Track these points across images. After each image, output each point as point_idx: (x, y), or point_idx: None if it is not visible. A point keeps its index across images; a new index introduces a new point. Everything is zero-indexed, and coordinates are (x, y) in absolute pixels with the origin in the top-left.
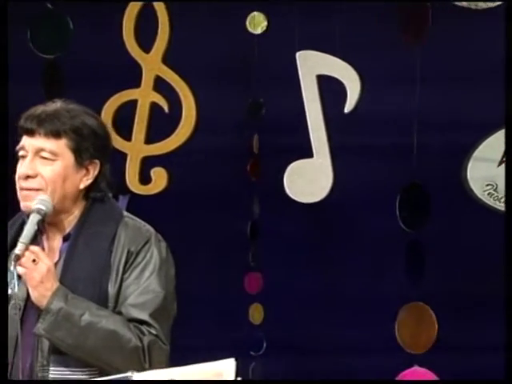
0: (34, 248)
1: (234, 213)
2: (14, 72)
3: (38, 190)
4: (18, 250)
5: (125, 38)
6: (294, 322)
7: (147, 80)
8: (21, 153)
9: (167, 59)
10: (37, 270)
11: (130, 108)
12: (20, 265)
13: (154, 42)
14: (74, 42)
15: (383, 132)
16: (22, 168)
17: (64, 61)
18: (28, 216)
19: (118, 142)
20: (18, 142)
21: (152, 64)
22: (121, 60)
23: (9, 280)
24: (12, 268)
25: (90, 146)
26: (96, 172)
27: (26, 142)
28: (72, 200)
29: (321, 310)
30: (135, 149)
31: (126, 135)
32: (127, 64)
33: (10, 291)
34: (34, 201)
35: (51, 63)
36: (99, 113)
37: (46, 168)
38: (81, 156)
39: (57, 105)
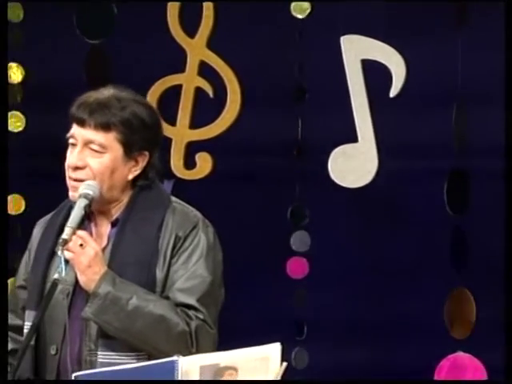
0: (81, 232)
1: (278, 197)
2: (59, 57)
3: (85, 181)
4: (65, 235)
5: (169, 23)
6: (337, 307)
7: (192, 65)
8: (71, 140)
9: (212, 44)
10: (84, 254)
11: (174, 93)
12: (67, 249)
13: (198, 26)
14: (118, 27)
15: (428, 116)
16: (71, 158)
17: (109, 46)
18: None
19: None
20: (69, 127)
21: (197, 49)
22: (165, 45)
23: (56, 265)
24: (59, 253)
25: (139, 138)
26: (145, 163)
27: (76, 131)
28: (120, 190)
29: (365, 295)
30: (180, 134)
31: (171, 120)
32: (172, 49)
33: (56, 276)
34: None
35: (96, 48)
36: (144, 98)
37: (94, 160)
38: (130, 148)
39: (109, 92)
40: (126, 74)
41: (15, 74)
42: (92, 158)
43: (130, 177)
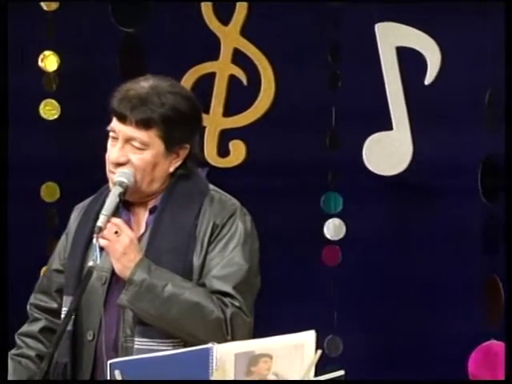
0: (115, 220)
1: (311, 185)
2: (93, 45)
3: None
4: (99, 223)
5: (203, 10)
6: (370, 294)
7: (226, 53)
8: (112, 134)
9: (246, 31)
10: (119, 241)
11: (208, 81)
12: (102, 237)
13: (232, 14)
14: (152, 15)
15: (463, 104)
16: (113, 154)
17: (143, 34)
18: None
19: None
20: (110, 118)
21: (230, 37)
22: (199, 33)
23: (92, 252)
24: (94, 241)
25: (180, 132)
26: (185, 154)
27: (117, 126)
28: (161, 183)
29: (398, 283)
30: (213, 121)
31: (205, 108)
32: (205, 37)
33: (92, 263)
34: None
35: (130, 36)
36: (183, 87)
37: (136, 156)
38: (171, 143)
39: (148, 83)
40: (159, 62)
41: (50, 62)
42: (133, 154)
43: (171, 169)
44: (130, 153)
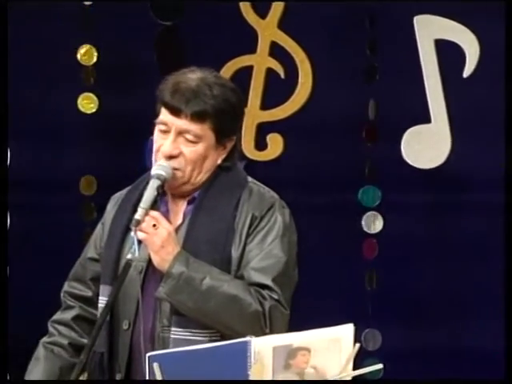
0: (153, 213)
1: (349, 178)
2: (131, 39)
3: (177, 169)
4: (138, 216)
5: (241, 4)
6: (408, 287)
7: (263, 46)
8: (161, 127)
9: (283, 25)
10: (157, 234)
11: (245, 74)
12: (140, 230)
13: (269, 7)
14: (190, 8)
15: (502, 96)
16: (165, 146)
17: (181, 27)
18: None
19: None
20: (157, 110)
21: (268, 30)
22: (237, 26)
23: (130, 244)
24: (132, 233)
25: (230, 125)
26: (231, 146)
27: (169, 119)
28: (208, 174)
29: (436, 276)
30: (251, 115)
31: None
32: (243, 30)
33: (130, 256)
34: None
35: (168, 29)
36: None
37: (188, 149)
38: (221, 136)
39: (197, 75)
40: (197, 55)
41: (89, 55)
42: (186, 147)
43: (219, 161)
44: (182, 145)
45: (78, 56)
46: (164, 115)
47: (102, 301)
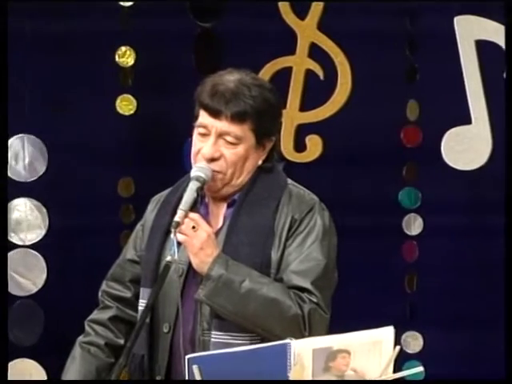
0: (193, 215)
1: (388, 180)
2: (170, 41)
3: (218, 172)
4: (177, 218)
5: (280, 5)
6: (449, 290)
7: (302, 47)
8: (201, 130)
9: (322, 26)
10: (197, 236)
11: (284, 75)
12: (180, 232)
13: (309, 9)
14: (229, 10)
15: None
16: (206, 149)
17: (219, 29)
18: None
19: None
20: (196, 113)
21: (307, 31)
22: (276, 27)
23: (170, 246)
24: (172, 235)
25: (269, 125)
26: (270, 147)
27: (208, 121)
28: (248, 176)
29: (477, 277)
30: (290, 116)
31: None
32: (282, 31)
33: (169, 258)
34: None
35: (207, 31)
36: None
37: (229, 151)
38: (261, 137)
39: (234, 76)
40: (236, 56)
41: (127, 57)
42: (227, 149)
43: (259, 162)
44: (223, 147)
45: (116, 57)
46: (203, 118)
47: (142, 303)
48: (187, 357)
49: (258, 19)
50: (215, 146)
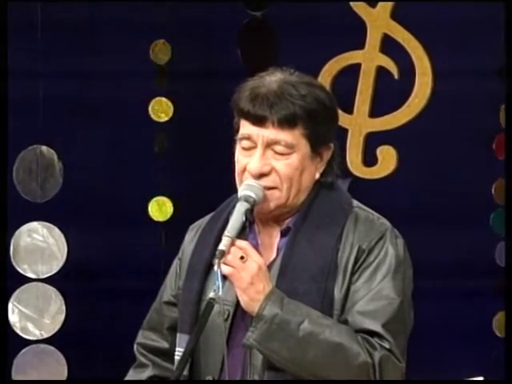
0: (241, 243)
1: (477, 200)
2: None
3: (272, 188)
4: (222, 246)
5: None
6: None
7: (373, 40)
8: (245, 143)
9: (397, 14)
10: (245, 269)
11: (351, 73)
12: (225, 263)
13: None
14: None
15: None
16: (253, 164)
17: (273, 17)
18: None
19: None
20: (235, 122)
21: (379, 20)
22: (341, 16)
23: (213, 281)
24: (216, 267)
25: (324, 128)
26: (329, 156)
27: (253, 131)
28: (306, 192)
29: None
30: (358, 123)
31: (347, 107)
32: (348, 21)
33: (212, 294)
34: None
35: (257, 20)
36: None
37: (280, 163)
38: (316, 143)
39: (276, 77)
40: (292, 51)
41: (162, 52)
42: (277, 161)
43: (318, 175)
44: (273, 160)
45: (151, 53)
46: (246, 128)
47: (179, 352)
48: None
49: (319, 6)
50: (263, 159)
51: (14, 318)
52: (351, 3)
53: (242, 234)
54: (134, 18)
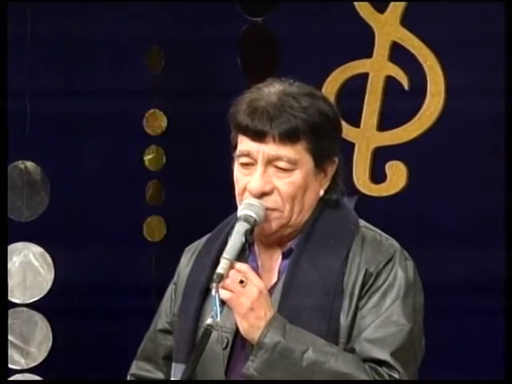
0: (241, 266)
1: (493, 220)
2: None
3: (273, 209)
4: (220, 269)
5: None
6: None
7: (381, 47)
8: (244, 160)
9: (407, 20)
10: (245, 293)
11: (358, 84)
12: (224, 287)
13: None
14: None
15: None
16: (254, 183)
17: (275, 24)
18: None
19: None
20: (233, 138)
21: (388, 27)
22: (347, 23)
23: (211, 307)
24: (213, 291)
25: (328, 142)
26: (333, 171)
27: (252, 147)
28: (310, 211)
29: None
30: (365, 137)
31: (354, 120)
32: (355, 27)
33: (210, 321)
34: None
35: (258, 27)
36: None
37: (283, 181)
38: (320, 158)
39: (275, 88)
40: (294, 59)
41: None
42: (279, 179)
43: (322, 192)
44: (275, 178)
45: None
46: (244, 144)
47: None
48: None
49: (324, 13)
50: (265, 177)
51: None
52: (357, 9)
53: (242, 256)
54: (125, 32)
